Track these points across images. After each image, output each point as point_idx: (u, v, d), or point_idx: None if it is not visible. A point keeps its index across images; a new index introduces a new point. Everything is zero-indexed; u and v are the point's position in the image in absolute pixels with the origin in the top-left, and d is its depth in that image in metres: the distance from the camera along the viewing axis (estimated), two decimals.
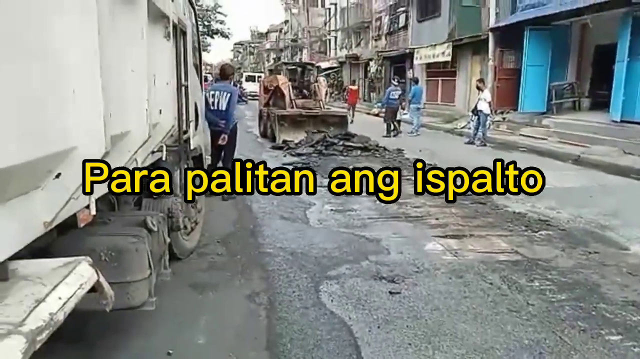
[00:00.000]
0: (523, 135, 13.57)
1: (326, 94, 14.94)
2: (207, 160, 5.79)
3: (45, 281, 1.30)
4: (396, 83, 15.86)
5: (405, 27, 25.81)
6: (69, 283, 1.35)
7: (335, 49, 40.79)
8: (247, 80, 39.48)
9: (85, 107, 1.52)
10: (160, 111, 2.69)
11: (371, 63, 30.64)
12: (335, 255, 4.55)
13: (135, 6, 2.08)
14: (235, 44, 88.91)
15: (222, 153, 6.77)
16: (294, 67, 17.48)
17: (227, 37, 39.97)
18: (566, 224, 5.64)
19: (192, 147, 3.91)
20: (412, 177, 8.15)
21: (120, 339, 2.97)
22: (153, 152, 2.67)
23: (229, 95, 6.57)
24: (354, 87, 22.42)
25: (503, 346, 2.99)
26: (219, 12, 35.95)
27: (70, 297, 1.31)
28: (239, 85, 30.88)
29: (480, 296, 3.72)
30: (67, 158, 1.48)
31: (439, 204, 6.55)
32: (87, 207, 1.74)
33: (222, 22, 38.12)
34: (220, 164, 6.78)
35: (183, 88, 3.14)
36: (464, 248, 4.78)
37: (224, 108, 6.54)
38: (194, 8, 4.38)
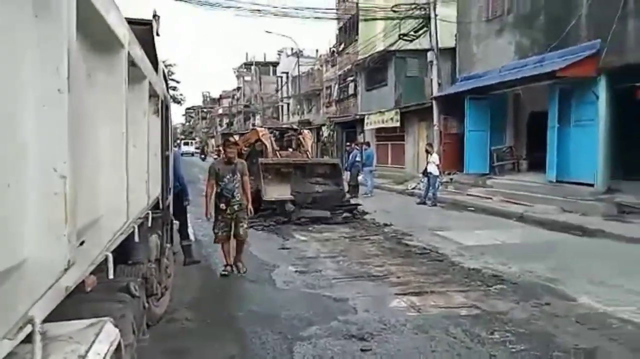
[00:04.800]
0: (470, 195, 14.35)
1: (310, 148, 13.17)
2: (176, 225, 5.85)
3: (80, 340, 1.39)
4: (359, 148, 16.72)
5: (354, 94, 27.25)
6: (102, 340, 1.44)
7: (288, 114, 42.08)
8: (184, 144, 53.66)
9: (111, 181, 1.70)
10: (151, 180, 2.85)
11: (323, 128, 31.78)
12: (305, 316, 4.64)
13: (141, 88, 2.30)
14: (187, 109, 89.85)
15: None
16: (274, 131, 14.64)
17: (179, 102, 40.54)
18: (517, 278, 6.01)
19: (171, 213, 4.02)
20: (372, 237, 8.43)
21: None
22: (139, 218, 2.80)
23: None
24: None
25: None
26: (172, 79, 36.65)
27: (106, 353, 1.40)
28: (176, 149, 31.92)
29: (447, 349, 3.91)
30: (95, 226, 1.61)
31: (399, 262, 6.81)
32: (92, 273, 1.84)
33: (174, 89, 38.76)
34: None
35: (165, 158, 3.32)
36: (427, 304, 5.00)
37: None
38: (166, 81, 4.65)
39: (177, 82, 39.03)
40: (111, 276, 1.95)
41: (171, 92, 36.85)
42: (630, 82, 10.32)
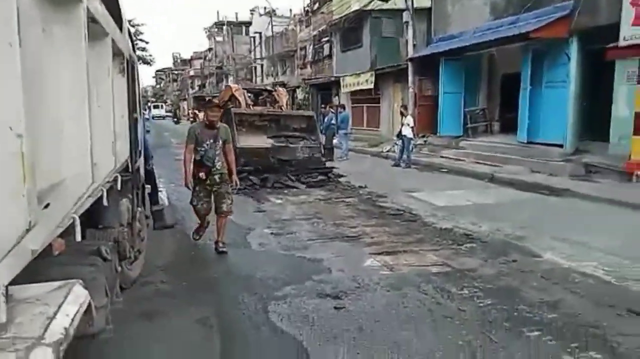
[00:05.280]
0: (443, 157, 14.54)
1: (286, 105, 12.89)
2: (147, 189, 5.76)
3: (49, 302, 1.38)
4: (334, 110, 16.60)
5: (329, 56, 26.83)
6: (70, 302, 1.43)
7: (262, 76, 41.31)
8: (154, 107, 52.56)
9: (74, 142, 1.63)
10: (117, 142, 2.77)
11: (298, 90, 31.37)
12: (280, 277, 4.70)
13: (103, 45, 2.20)
14: (157, 71, 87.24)
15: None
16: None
17: (148, 64, 39.31)
18: (487, 237, 6.19)
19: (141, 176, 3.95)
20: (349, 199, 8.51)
21: None
22: (108, 182, 2.73)
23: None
24: None
25: (440, 349, 3.29)
26: (140, 39, 35.31)
27: (76, 314, 1.39)
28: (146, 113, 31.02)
29: (418, 305, 4.04)
30: (59, 188, 1.56)
31: (373, 223, 6.91)
32: (60, 236, 1.81)
33: (143, 49, 37.44)
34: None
35: (134, 119, 3.23)
36: (400, 263, 5.12)
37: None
38: (132, 41, 4.47)
39: (146, 42, 37.63)
40: (78, 239, 1.92)
41: (140, 52, 35.57)
42: (601, 43, 10.43)
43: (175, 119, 45.89)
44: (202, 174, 5.32)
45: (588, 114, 11.69)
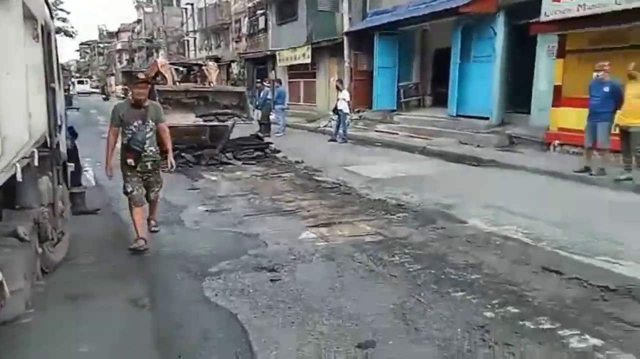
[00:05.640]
0: (378, 131, 14.84)
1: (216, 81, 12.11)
2: (71, 167, 5.45)
3: None
4: (270, 85, 16.35)
5: (265, 29, 26.30)
6: None
7: (195, 50, 39.84)
8: (78, 83, 49.96)
9: None
10: (33, 114, 2.58)
11: (233, 65, 30.61)
12: (215, 253, 4.66)
13: (11, 6, 2.00)
14: (81, 44, 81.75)
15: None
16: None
17: (71, 36, 36.76)
18: (417, 206, 6.44)
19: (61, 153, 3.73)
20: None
21: None
22: (24, 158, 2.54)
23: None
24: None
25: (373, 312, 3.42)
26: (60, 9, 32.90)
27: None
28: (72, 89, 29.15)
29: (352, 273, 4.16)
30: None
31: (309, 197, 6.99)
32: None
33: (64, 20, 34.96)
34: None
35: (51, 91, 3.02)
36: (334, 234, 5.23)
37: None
38: (49, 7, 4.14)
39: (67, 12, 35.11)
40: None
41: (60, 23, 33.21)
42: (526, 19, 10.94)
43: (105, 96, 43.40)
44: (130, 161, 4.73)
45: (513, 87, 12.31)
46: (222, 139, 10.32)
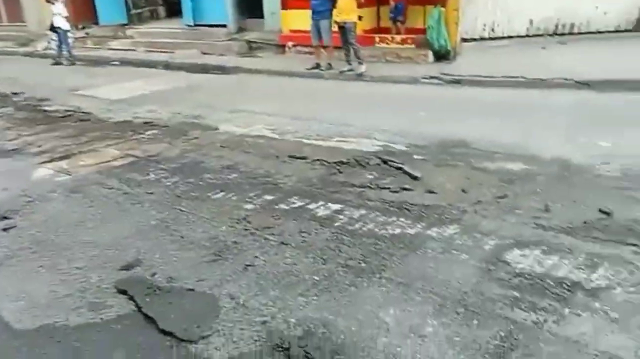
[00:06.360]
0: (112, 49, 13.35)
1: None
2: None
3: None
4: None
5: None
6: None
7: None
8: None
9: None
10: None
11: None
12: None
13: None
14: None
15: None
16: None
17: None
18: (167, 121, 6.19)
19: None
20: None
21: None
22: None
23: None
24: None
25: (134, 233, 3.25)
26: None
27: None
28: None
29: (104, 201, 3.83)
30: None
31: (38, 131, 5.99)
32: None
33: None
34: None
35: None
36: (77, 165, 4.67)
37: None
38: None
39: None
40: None
41: None
42: None
43: None
44: None
45: None
46: None
